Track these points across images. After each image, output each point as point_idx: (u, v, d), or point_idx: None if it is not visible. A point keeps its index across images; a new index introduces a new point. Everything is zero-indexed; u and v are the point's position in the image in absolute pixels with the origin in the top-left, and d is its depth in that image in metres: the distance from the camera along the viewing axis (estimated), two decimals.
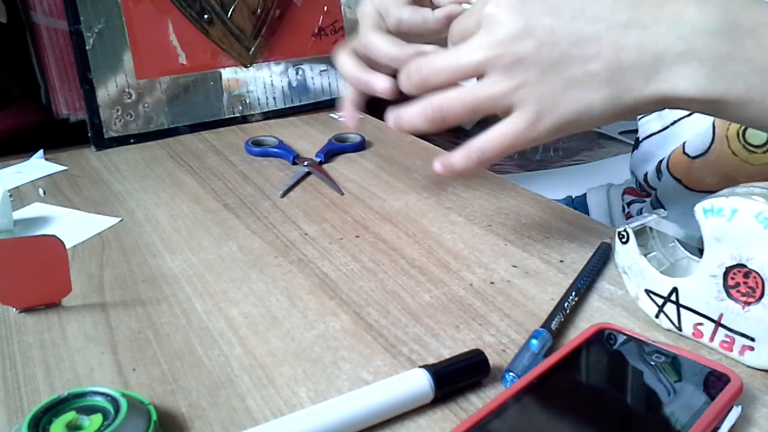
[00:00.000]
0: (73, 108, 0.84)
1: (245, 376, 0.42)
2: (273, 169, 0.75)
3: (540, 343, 0.42)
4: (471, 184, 0.68)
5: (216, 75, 0.88)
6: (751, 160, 0.64)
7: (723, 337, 0.41)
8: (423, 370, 0.39)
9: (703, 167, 0.67)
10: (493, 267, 0.53)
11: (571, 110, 0.45)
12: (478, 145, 0.48)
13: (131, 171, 0.76)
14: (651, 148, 0.76)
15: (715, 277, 0.40)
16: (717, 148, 0.66)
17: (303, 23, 0.92)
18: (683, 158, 0.69)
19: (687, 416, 0.35)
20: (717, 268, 0.40)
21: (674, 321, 0.43)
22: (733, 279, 0.40)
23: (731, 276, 0.40)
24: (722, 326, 0.41)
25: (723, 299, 0.41)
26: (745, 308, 0.40)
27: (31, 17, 0.81)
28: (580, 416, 0.36)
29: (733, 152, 0.65)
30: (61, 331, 0.47)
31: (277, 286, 0.52)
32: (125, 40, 0.82)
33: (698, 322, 0.42)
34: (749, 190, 0.39)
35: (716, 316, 0.41)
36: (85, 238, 0.60)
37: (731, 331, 0.41)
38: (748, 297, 0.39)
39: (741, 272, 0.39)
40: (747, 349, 0.40)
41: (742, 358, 0.41)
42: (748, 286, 0.39)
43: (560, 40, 0.44)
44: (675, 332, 0.44)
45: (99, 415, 0.36)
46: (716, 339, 0.42)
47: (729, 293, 0.40)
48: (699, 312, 0.42)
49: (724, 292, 0.40)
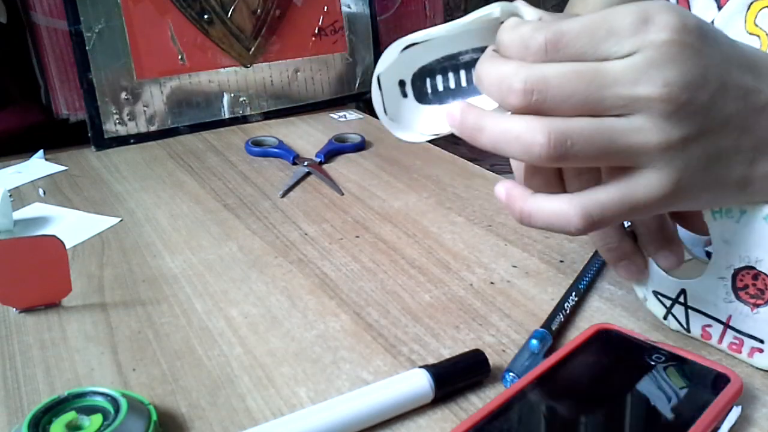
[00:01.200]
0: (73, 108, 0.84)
1: (245, 376, 0.42)
2: (273, 169, 0.75)
3: (540, 343, 0.42)
4: (471, 184, 0.68)
5: (216, 75, 0.88)
6: None
7: (732, 339, 0.41)
8: (423, 370, 0.39)
9: None
10: (493, 267, 0.53)
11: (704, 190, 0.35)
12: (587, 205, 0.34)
13: (131, 171, 0.76)
14: None
15: (723, 279, 0.40)
16: None
17: (303, 23, 0.92)
18: None
19: (687, 416, 0.35)
20: (725, 269, 0.40)
21: (682, 323, 0.43)
22: (742, 281, 0.40)
23: (740, 278, 0.40)
24: (731, 328, 0.41)
25: (732, 301, 0.40)
26: (754, 310, 0.39)
27: (31, 17, 0.81)
28: (580, 416, 0.36)
29: None
30: (61, 331, 0.47)
31: (277, 286, 0.52)
32: (125, 40, 0.82)
33: (707, 324, 0.42)
34: None
35: (724, 318, 0.41)
36: (85, 238, 0.60)
37: (740, 333, 0.41)
38: (757, 299, 0.39)
39: (750, 274, 0.39)
40: (756, 351, 0.40)
41: (752, 360, 0.41)
42: (757, 288, 0.39)
43: (729, 99, 0.34)
44: (683, 334, 0.44)
45: (99, 415, 0.36)
46: (725, 341, 0.41)
47: (737, 295, 0.40)
48: (707, 314, 0.42)
49: (733, 294, 0.40)
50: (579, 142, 0.33)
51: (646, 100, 0.32)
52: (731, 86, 0.34)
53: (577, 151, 0.33)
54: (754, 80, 0.35)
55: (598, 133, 0.33)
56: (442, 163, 0.75)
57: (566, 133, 0.32)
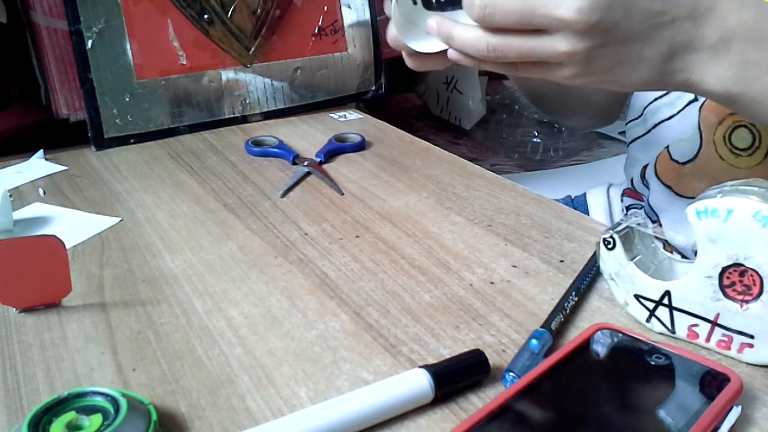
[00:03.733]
0: (73, 108, 0.84)
1: (245, 376, 0.42)
2: (273, 169, 0.75)
3: (540, 343, 0.42)
4: (471, 184, 0.68)
5: (216, 75, 0.88)
6: (738, 163, 0.64)
7: (720, 337, 0.41)
8: (423, 370, 0.39)
9: (692, 173, 0.67)
10: (493, 267, 0.53)
11: (611, 81, 0.48)
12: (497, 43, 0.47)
13: (131, 171, 0.76)
14: (635, 153, 0.76)
15: (710, 278, 0.41)
16: (705, 153, 0.66)
17: (303, 23, 0.92)
18: (672, 165, 0.69)
19: (687, 416, 0.35)
20: (712, 268, 0.40)
21: (667, 324, 0.43)
22: (729, 278, 0.40)
23: (726, 276, 0.40)
24: (719, 326, 0.41)
25: (719, 299, 0.41)
26: (743, 307, 0.40)
27: (31, 17, 0.81)
28: (580, 416, 0.36)
29: (720, 156, 0.64)
30: (61, 331, 0.47)
31: (277, 286, 0.52)
32: (125, 40, 0.82)
33: (693, 324, 0.42)
34: (742, 189, 0.39)
35: (712, 316, 0.41)
36: (85, 238, 0.60)
37: (729, 330, 0.41)
38: (745, 295, 0.40)
39: (736, 271, 0.40)
40: (746, 347, 0.40)
41: (741, 355, 0.41)
42: (744, 284, 0.39)
43: (635, 18, 0.46)
44: (668, 335, 0.44)
45: (99, 415, 0.36)
46: (713, 339, 0.42)
47: (725, 293, 0.40)
48: (694, 313, 0.42)
49: (721, 292, 0.40)
50: (507, 51, 0.47)
51: (562, 20, 0.45)
52: (637, 9, 0.45)
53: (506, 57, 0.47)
54: (663, 4, 0.46)
55: (523, 46, 0.47)
56: (442, 163, 0.75)
57: (499, 46, 0.47)
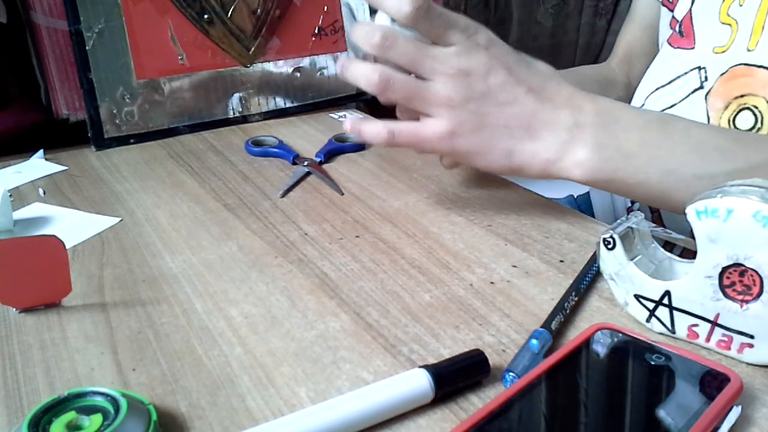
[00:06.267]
0: (73, 108, 0.84)
1: (245, 376, 0.42)
2: (273, 169, 0.75)
3: (540, 343, 0.42)
4: (471, 184, 0.68)
5: (216, 75, 0.88)
6: None
7: (720, 337, 0.41)
8: (423, 370, 0.39)
9: None
10: (493, 267, 0.53)
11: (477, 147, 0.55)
12: (393, 129, 0.55)
13: (131, 171, 0.76)
14: None
15: (710, 278, 0.40)
16: None
17: (303, 23, 0.92)
18: None
19: (687, 416, 0.35)
20: (712, 268, 0.40)
21: (667, 324, 0.43)
22: (729, 278, 0.40)
23: (726, 276, 0.40)
24: (719, 326, 0.41)
25: (719, 299, 0.41)
26: (743, 307, 0.40)
27: (31, 17, 0.81)
28: (580, 416, 0.36)
29: None
30: (61, 331, 0.47)
31: (277, 286, 0.52)
32: (125, 40, 0.82)
33: (693, 324, 0.42)
34: (742, 189, 0.39)
35: (712, 316, 0.41)
36: (85, 238, 0.60)
37: (729, 330, 0.41)
38: (745, 295, 0.40)
39: (736, 271, 0.40)
40: (746, 347, 0.40)
41: (741, 355, 0.41)
42: (744, 284, 0.39)
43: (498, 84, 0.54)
44: (668, 335, 0.44)
45: (99, 415, 0.36)
46: (713, 339, 0.42)
47: (725, 293, 0.40)
48: (694, 313, 0.42)
49: (720, 292, 0.40)
50: (395, 85, 0.54)
51: (442, 74, 0.53)
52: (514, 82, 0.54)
53: (394, 90, 0.54)
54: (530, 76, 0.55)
55: (409, 84, 0.54)
56: None
57: (390, 79, 0.54)
